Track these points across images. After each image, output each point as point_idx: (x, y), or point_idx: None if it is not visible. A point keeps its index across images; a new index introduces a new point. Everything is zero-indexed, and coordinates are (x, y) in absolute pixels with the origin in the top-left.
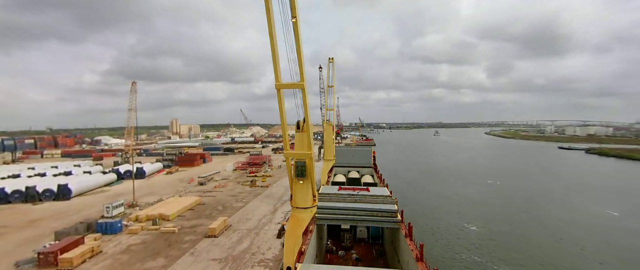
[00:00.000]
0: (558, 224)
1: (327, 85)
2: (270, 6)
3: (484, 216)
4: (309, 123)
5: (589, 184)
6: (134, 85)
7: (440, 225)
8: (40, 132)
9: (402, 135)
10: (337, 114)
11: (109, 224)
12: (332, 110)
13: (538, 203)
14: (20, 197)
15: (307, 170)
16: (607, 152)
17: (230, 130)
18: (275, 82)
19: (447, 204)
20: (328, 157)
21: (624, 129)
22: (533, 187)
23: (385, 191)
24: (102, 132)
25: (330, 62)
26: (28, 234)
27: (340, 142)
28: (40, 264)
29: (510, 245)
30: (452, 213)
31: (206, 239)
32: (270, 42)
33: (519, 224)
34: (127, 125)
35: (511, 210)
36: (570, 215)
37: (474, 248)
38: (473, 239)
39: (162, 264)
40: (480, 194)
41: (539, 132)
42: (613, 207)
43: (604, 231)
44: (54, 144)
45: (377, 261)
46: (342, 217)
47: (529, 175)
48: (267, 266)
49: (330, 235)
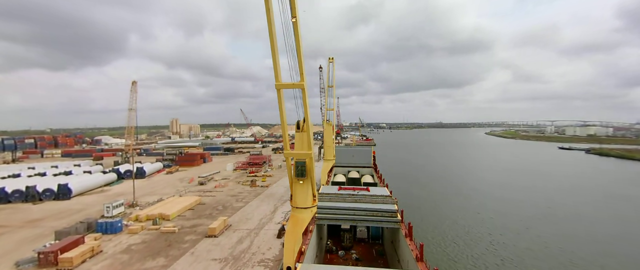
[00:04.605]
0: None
1: (327, 85)
2: (270, 6)
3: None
4: (309, 123)
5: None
6: (134, 85)
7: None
8: (41, 131)
9: (402, 135)
10: (337, 113)
11: (109, 224)
12: (332, 110)
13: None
14: (21, 196)
15: (307, 170)
16: (608, 153)
17: (231, 130)
18: (275, 82)
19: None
20: (328, 157)
21: (624, 129)
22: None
23: (385, 191)
24: (102, 131)
25: (330, 62)
26: (28, 234)
27: (340, 142)
28: (41, 263)
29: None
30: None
31: (206, 238)
32: (271, 42)
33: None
34: (127, 125)
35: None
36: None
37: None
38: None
39: (162, 263)
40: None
41: (539, 133)
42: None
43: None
44: (54, 144)
45: (377, 261)
46: (342, 217)
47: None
48: (267, 266)
49: (330, 235)
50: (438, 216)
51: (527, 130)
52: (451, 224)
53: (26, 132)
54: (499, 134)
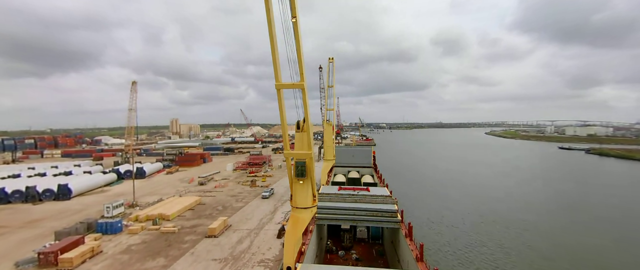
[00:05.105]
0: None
1: (327, 85)
2: (270, 6)
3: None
4: (309, 123)
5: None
6: (134, 85)
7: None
8: (41, 132)
9: (402, 135)
10: (337, 113)
11: (109, 224)
12: (332, 110)
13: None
14: (21, 197)
15: (307, 170)
16: (608, 153)
17: (231, 130)
18: (275, 82)
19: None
20: (328, 157)
21: (624, 129)
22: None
23: (385, 191)
24: (102, 132)
25: (330, 62)
26: (28, 234)
27: (340, 142)
28: (41, 264)
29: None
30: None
31: (206, 239)
32: (270, 42)
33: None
34: (127, 125)
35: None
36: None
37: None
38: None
39: (162, 264)
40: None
41: (539, 132)
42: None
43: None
44: (54, 144)
45: (377, 261)
46: (342, 217)
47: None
48: (267, 266)
49: (330, 235)
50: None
51: (527, 130)
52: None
53: (26, 133)
54: (499, 134)
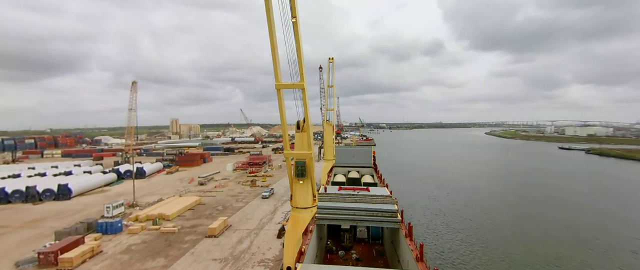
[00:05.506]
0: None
1: (327, 85)
2: (270, 6)
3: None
4: (309, 123)
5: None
6: (134, 85)
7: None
8: (41, 132)
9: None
10: (337, 114)
11: (109, 224)
12: (332, 110)
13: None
14: (21, 197)
15: (307, 170)
16: (608, 153)
17: (231, 130)
18: (275, 82)
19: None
20: (328, 157)
21: (624, 129)
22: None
23: (385, 191)
24: (102, 132)
25: (330, 62)
26: (28, 234)
27: (340, 142)
28: (41, 263)
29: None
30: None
31: (206, 239)
32: (270, 42)
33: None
34: (127, 125)
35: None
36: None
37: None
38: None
39: (162, 264)
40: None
41: (539, 133)
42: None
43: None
44: (54, 144)
45: (377, 261)
46: (342, 217)
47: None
48: (267, 266)
49: (330, 235)
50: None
51: (526, 130)
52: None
53: (26, 133)
54: (499, 134)
